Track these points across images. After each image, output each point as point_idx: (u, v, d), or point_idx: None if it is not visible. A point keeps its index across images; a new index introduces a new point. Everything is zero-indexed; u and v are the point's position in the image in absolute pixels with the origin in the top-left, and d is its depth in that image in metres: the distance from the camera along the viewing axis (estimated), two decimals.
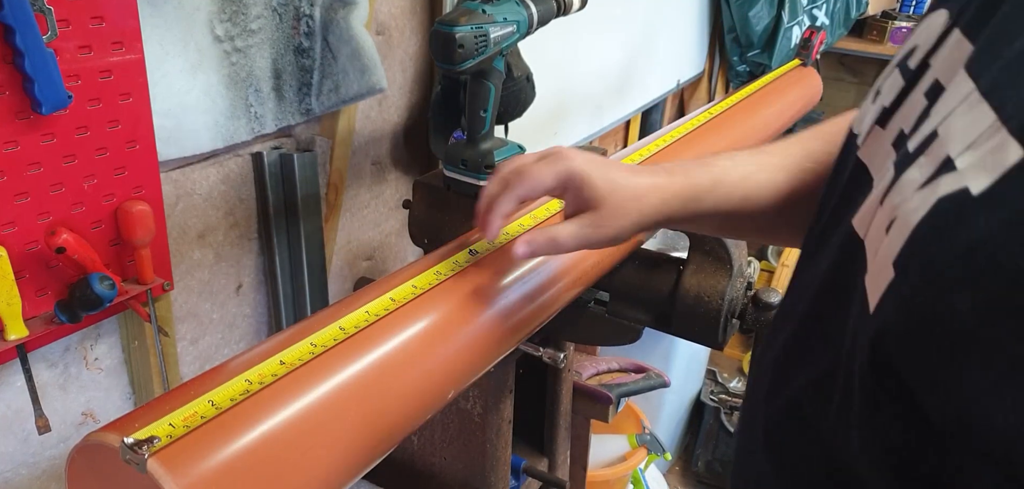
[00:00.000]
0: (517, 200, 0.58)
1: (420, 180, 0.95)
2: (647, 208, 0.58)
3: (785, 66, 1.84)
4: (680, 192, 0.58)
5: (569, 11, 0.90)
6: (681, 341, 0.94)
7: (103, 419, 0.85)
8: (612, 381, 1.57)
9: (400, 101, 1.15)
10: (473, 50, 0.79)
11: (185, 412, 0.43)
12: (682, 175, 0.59)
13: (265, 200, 0.95)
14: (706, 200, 0.59)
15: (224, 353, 0.98)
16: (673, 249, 0.97)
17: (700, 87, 2.45)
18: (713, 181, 0.59)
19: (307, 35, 0.92)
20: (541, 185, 0.58)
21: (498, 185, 0.59)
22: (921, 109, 0.36)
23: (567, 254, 0.73)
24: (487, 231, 0.60)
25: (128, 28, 0.71)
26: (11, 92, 0.63)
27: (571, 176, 0.57)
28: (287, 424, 0.47)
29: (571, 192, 0.58)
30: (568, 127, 1.64)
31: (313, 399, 0.49)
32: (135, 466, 0.40)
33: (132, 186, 0.76)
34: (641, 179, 0.58)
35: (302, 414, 0.48)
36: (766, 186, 0.60)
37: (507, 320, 0.65)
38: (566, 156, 0.57)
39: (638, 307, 0.92)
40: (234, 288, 0.97)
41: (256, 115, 0.89)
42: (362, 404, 0.52)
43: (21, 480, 0.79)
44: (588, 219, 0.58)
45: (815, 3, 2.55)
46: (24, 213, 0.68)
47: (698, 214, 0.60)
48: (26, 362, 0.72)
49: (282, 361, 0.49)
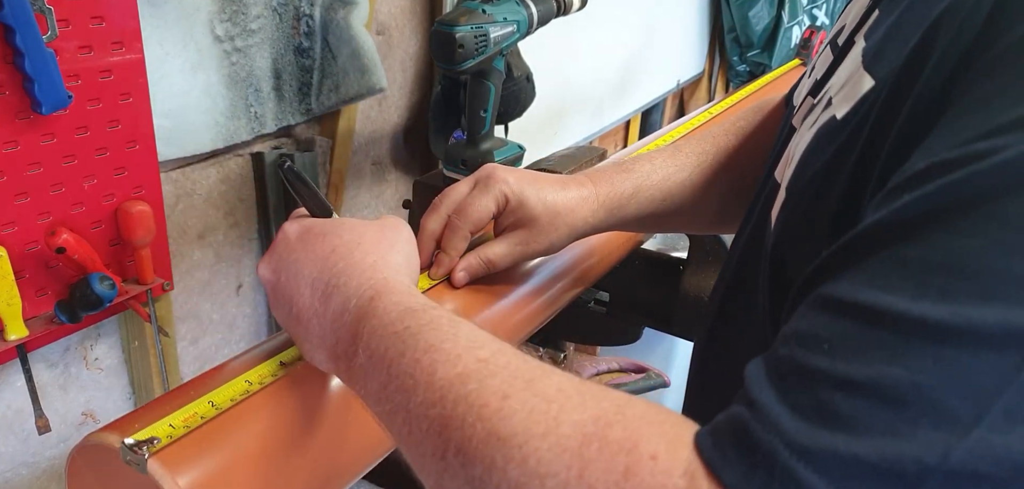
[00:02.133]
0: (465, 240, 0.59)
1: (420, 180, 0.95)
2: (576, 221, 0.60)
3: (785, 66, 1.84)
4: (606, 201, 0.62)
5: (569, 11, 0.90)
6: (681, 341, 0.94)
7: (103, 419, 0.85)
8: (612, 381, 1.57)
9: (400, 101, 1.15)
10: (473, 50, 0.79)
11: (185, 413, 0.43)
12: (607, 184, 0.62)
13: (265, 200, 0.95)
14: (630, 205, 0.63)
15: (224, 353, 0.98)
16: (673, 249, 0.97)
17: (700, 87, 2.45)
18: (635, 187, 0.63)
19: (307, 35, 0.92)
20: (485, 215, 0.59)
21: (437, 222, 0.59)
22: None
23: (567, 254, 0.73)
24: (454, 281, 0.61)
25: (128, 28, 0.71)
26: (11, 92, 0.63)
27: (507, 197, 0.58)
28: (287, 424, 0.47)
29: (507, 211, 0.59)
30: (568, 127, 1.64)
31: (313, 399, 0.49)
32: (135, 467, 0.40)
33: (132, 186, 0.76)
34: (570, 193, 0.60)
35: (302, 414, 0.48)
36: (685, 184, 0.65)
37: (507, 320, 0.65)
38: (498, 178, 0.58)
39: (638, 307, 0.92)
40: (234, 288, 0.96)
41: (256, 115, 0.89)
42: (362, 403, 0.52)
43: (21, 480, 0.79)
44: (520, 236, 0.60)
45: (815, 3, 2.55)
46: (24, 213, 0.68)
47: (624, 219, 0.63)
48: (26, 362, 0.72)
49: (282, 362, 0.49)
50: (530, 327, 0.71)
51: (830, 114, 0.38)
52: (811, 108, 0.44)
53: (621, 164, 0.65)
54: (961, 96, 0.29)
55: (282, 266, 0.48)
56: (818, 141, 0.39)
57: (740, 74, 2.40)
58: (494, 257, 0.60)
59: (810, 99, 0.46)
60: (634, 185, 0.63)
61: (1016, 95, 0.27)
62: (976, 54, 0.29)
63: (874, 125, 0.34)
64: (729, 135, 0.68)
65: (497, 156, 0.87)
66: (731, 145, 0.67)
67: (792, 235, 0.39)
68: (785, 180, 0.41)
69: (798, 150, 0.41)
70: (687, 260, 0.88)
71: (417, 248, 0.53)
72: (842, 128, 0.36)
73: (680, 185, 0.65)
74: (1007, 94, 0.27)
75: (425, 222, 0.60)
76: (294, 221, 0.51)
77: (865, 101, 0.35)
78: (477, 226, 0.59)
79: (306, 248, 0.48)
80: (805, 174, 0.39)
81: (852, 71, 0.38)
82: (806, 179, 0.38)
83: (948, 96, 0.29)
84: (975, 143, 0.27)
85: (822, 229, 0.35)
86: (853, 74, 0.38)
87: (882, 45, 0.37)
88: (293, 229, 0.50)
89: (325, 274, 0.46)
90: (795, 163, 0.40)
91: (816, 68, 0.49)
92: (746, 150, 0.67)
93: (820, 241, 0.35)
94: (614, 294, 0.92)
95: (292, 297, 0.47)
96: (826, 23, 2.65)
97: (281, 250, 0.49)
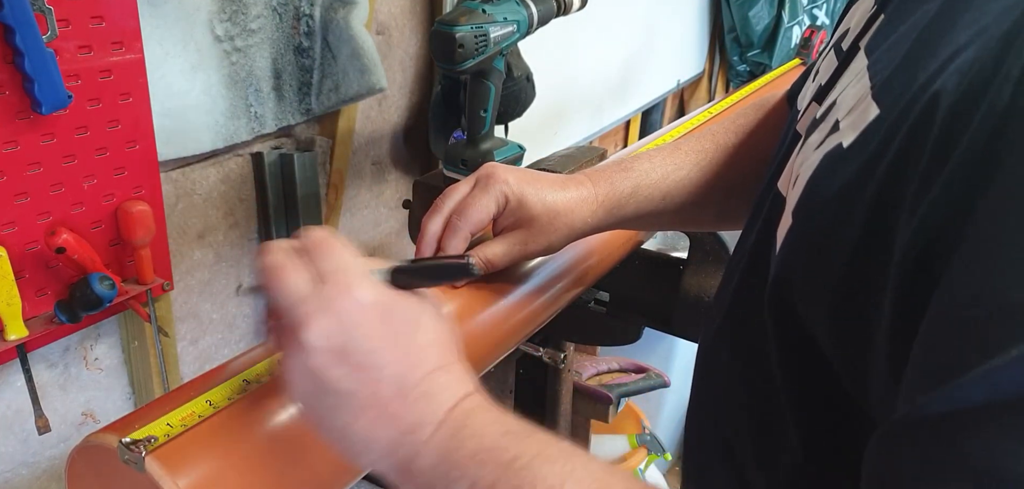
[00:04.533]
0: (465, 240, 0.59)
1: (420, 180, 0.95)
2: (576, 221, 0.60)
3: (785, 66, 1.84)
4: (605, 201, 0.62)
5: (569, 11, 0.90)
6: (681, 341, 0.94)
7: (103, 419, 0.85)
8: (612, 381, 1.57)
9: (400, 101, 1.15)
10: (473, 50, 0.79)
11: (182, 412, 0.43)
12: (606, 184, 0.62)
13: (265, 200, 0.95)
14: (629, 205, 0.63)
15: (224, 353, 0.98)
16: (673, 249, 0.97)
17: (700, 87, 2.45)
18: (634, 186, 0.63)
19: (307, 35, 0.92)
20: (486, 216, 0.58)
21: (438, 223, 0.59)
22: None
23: (567, 254, 0.73)
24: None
25: (128, 28, 0.71)
26: (11, 92, 0.63)
27: (507, 197, 0.58)
28: (286, 422, 0.47)
29: (507, 212, 0.59)
30: (568, 127, 1.64)
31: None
32: (133, 465, 0.40)
33: (132, 186, 0.76)
34: (569, 193, 0.60)
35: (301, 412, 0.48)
36: (684, 182, 0.64)
37: (507, 320, 0.65)
38: (499, 178, 0.58)
39: (638, 307, 0.92)
40: (234, 288, 0.97)
41: (256, 115, 0.89)
42: None
43: (21, 480, 0.79)
44: (519, 236, 0.60)
45: (815, 2, 2.55)
46: (24, 213, 0.68)
47: (623, 218, 0.63)
48: (26, 362, 0.72)
49: (279, 360, 0.49)
50: (530, 327, 0.71)
51: (837, 141, 0.37)
52: (815, 121, 0.43)
53: (620, 163, 0.65)
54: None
55: (355, 346, 0.40)
56: (825, 168, 0.37)
57: (740, 74, 2.40)
58: (493, 257, 0.60)
59: (816, 105, 0.46)
60: (633, 184, 0.63)
61: None
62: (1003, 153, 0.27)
63: (895, 159, 0.32)
64: (729, 133, 0.68)
65: (497, 156, 0.87)
66: (731, 143, 0.67)
67: (801, 262, 0.38)
68: (792, 204, 0.40)
69: (805, 171, 0.39)
70: (687, 260, 0.88)
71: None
72: (850, 157, 0.35)
73: (679, 183, 0.64)
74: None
75: (426, 223, 0.59)
76: (370, 290, 0.41)
77: (872, 132, 0.34)
78: (477, 226, 0.59)
79: (393, 337, 0.41)
80: (814, 202, 0.38)
81: (860, 96, 0.37)
82: (816, 208, 0.37)
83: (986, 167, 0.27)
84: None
85: (840, 257, 0.34)
86: (860, 100, 0.37)
87: (891, 78, 0.35)
88: (374, 304, 0.41)
89: (415, 375, 0.40)
90: (802, 187, 0.39)
91: (820, 72, 0.49)
92: (746, 148, 0.66)
93: (831, 272, 0.34)
94: (614, 294, 0.92)
95: (358, 390, 0.40)
96: (826, 23, 2.65)
97: (354, 325, 0.40)
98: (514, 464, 0.37)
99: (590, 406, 1.39)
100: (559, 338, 0.98)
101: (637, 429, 2.02)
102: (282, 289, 0.41)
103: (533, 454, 0.37)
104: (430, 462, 0.39)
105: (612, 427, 1.88)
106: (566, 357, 0.98)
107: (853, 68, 0.40)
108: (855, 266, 0.33)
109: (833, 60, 0.46)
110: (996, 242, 0.25)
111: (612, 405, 1.40)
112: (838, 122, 0.38)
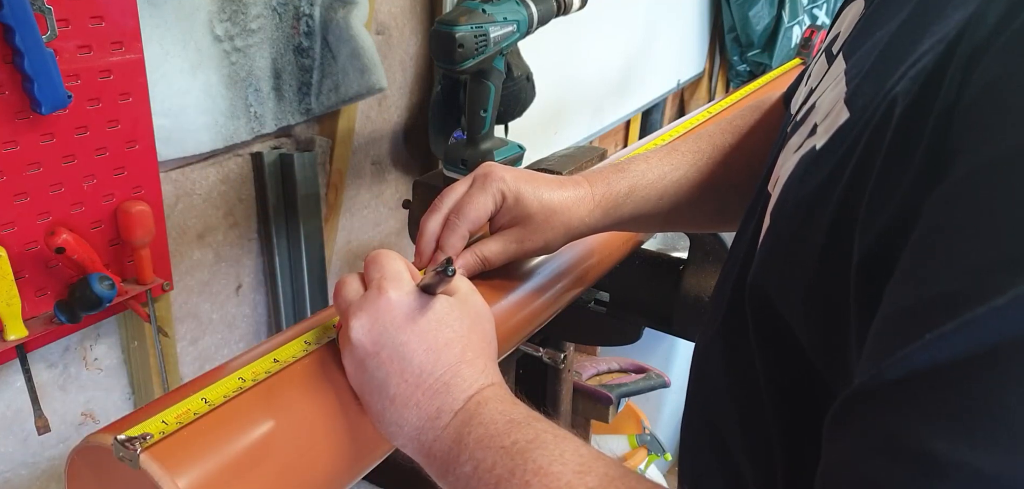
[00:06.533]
0: (463, 239, 0.59)
1: (420, 180, 0.95)
2: (572, 220, 0.60)
3: (786, 65, 1.84)
4: (602, 201, 0.62)
5: (569, 11, 0.90)
6: (681, 341, 0.94)
7: (103, 419, 0.85)
8: (612, 381, 1.57)
9: (400, 101, 1.15)
10: (473, 50, 0.79)
11: (177, 409, 0.43)
12: (602, 185, 0.62)
13: (265, 200, 0.95)
14: (626, 205, 0.63)
15: (224, 353, 0.98)
16: (673, 249, 0.97)
17: (700, 87, 2.45)
18: (630, 186, 0.63)
19: (307, 35, 0.92)
20: (483, 214, 0.59)
21: (437, 222, 0.59)
22: None
23: (567, 254, 0.73)
24: None
25: (128, 28, 0.71)
26: (11, 92, 0.63)
27: (504, 195, 0.59)
28: (284, 420, 0.47)
29: (504, 210, 0.59)
30: (568, 127, 1.64)
31: (308, 397, 0.49)
32: (127, 462, 0.40)
33: (132, 186, 0.76)
34: (566, 193, 0.60)
35: (298, 412, 0.48)
36: (681, 182, 0.65)
37: (507, 320, 0.65)
38: (496, 176, 0.58)
39: (638, 307, 0.92)
40: (234, 288, 0.96)
41: (256, 115, 0.89)
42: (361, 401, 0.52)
43: (21, 480, 0.79)
44: (516, 234, 0.60)
45: (816, 2, 2.55)
46: (24, 213, 0.68)
47: (620, 218, 0.63)
48: (26, 362, 0.72)
49: (276, 359, 0.49)
50: (530, 327, 0.71)
51: (812, 145, 0.38)
52: (796, 124, 0.43)
53: (616, 165, 0.65)
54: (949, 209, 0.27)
55: (386, 340, 0.46)
56: (799, 171, 0.39)
57: (740, 74, 2.40)
58: (489, 254, 0.60)
59: (804, 108, 0.46)
60: (629, 184, 0.63)
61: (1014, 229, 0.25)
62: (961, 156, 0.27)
63: (858, 162, 0.33)
64: (726, 133, 0.68)
65: (497, 156, 0.87)
66: (728, 143, 0.67)
67: (775, 265, 0.39)
68: (771, 206, 0.41)
69: (783, 174, 0.40)
70: (687, 260, 0.88)
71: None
72: (822, 160, 0.36)
73: (676, 184, 0.64)
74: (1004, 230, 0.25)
75: (425, 223, 0.59)
76: (403, 293, 0.48)
77: (841, 136, 0.35)
78: (475, 224, 0.59)
79: (419, 333, 0.46)
80: (788, 204, 0.39)
81: (835, 100, 0.38)
82: (789, 210, 0.38)
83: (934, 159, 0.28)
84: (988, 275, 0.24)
85: (811, 259, 0.35)
86: (835, 104, 0.38)
87: (862, 83, 0.36)
88: (404, 304, 0.47)
89: (437, 369, 0.46)
90: (779, 189, 0.40)
91: (812, 75, 0.49)
92: (744, 148, 0.66)
93: (804, 274, 0.35)
94: (614, 294, 0.92)
95: (389, 378, 0.46)
96: (826, 22, 2.65)
97: (387, 322, 0.46)
98: (512, 448, 0.41)
99: (590, 406, 1.39)
100: (559, 338, 0.98)
101: (637, 429, 2.02)
102: (339, 295, 0.50)
103: (529, 440, 0.41)
104: (445, 447, 0.45)
105: (612, 427, 1.88)
106: (566, 357, 0.98)
107: (833, 72, 0.41)
108: (824, 267, 0.34)
109: (824, 64, 0.47)
110: (940, 235, 0.27)
111: (612, 405, 1.40)
112: (816, 126, 0.39)
